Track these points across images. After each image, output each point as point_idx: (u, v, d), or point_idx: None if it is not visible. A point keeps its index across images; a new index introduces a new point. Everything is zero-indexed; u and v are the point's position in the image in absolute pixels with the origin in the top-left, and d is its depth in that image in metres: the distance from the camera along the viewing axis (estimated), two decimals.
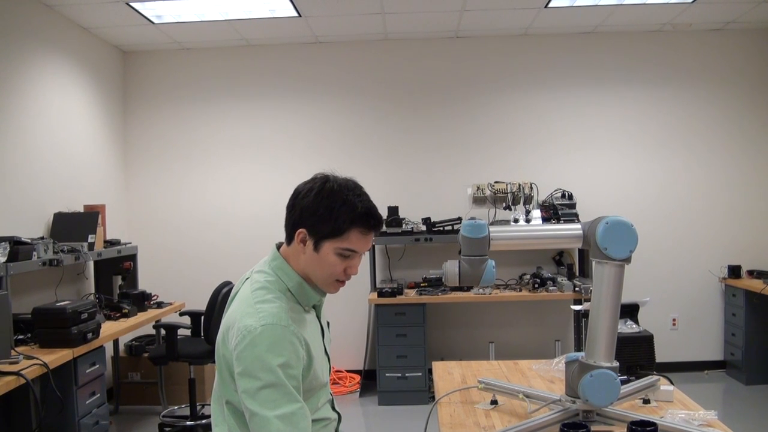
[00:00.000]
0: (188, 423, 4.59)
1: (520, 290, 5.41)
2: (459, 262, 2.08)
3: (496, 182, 5.58)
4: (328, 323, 1.85)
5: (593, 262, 2.03)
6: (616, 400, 2.01)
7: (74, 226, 4.58)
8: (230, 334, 1.59)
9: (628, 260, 1.98)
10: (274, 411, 1.49)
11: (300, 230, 1.63)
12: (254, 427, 1.51)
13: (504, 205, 5.56)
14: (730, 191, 5.83)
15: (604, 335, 1.99)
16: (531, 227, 2.15)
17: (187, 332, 4.75)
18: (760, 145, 5.83)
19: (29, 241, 3.91)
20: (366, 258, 5.45)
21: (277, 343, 1.53)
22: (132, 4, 4.72)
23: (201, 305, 4.49)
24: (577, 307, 3.76)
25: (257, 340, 1.52)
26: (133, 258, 5.23)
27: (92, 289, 5.07)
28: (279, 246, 1.76)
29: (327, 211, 1.59)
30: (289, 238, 1.68)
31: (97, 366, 3.77)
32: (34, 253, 3.85)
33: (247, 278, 1.73)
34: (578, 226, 2.08)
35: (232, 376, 1.58)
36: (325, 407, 1.77)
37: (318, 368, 1.69)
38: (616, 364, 1.99)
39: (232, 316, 1.64)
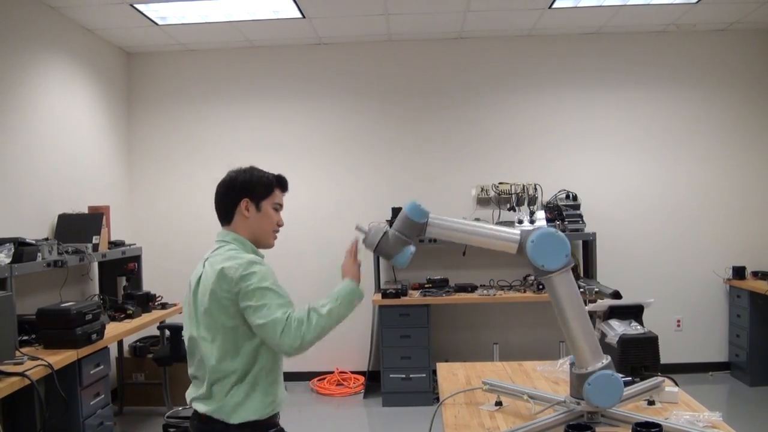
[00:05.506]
0: None
1: (525, 291, 5.40)
2: (386, 231, 2.08)
3: (500, 183, 5.57)
4: None
5: (542, 280, 2.04)
6: (621, 402, 2.01)
7: (78, 227, 4.58)
8: (226, 271, 1.94)
9: (570, 263, 2.00)
10: (278, 300, 1.94)
11: (244, 199, 2.12)
12: (263, 312, 1.91)
13: (508, 206, 5.56)
14: (734, 192, 5.81)
15: (583, 341, 2.01)
16: (472, 224, 2.15)
17: None
18: (765, 146, 5.81)
19: (34, 242, 3.93)
20: (370, 259, 5.41)
21: (267, 273, 1.98)
22: (136, 5, 4.73)
23: None
24: None
25: (252, 268, 1.95)
26: (137, 259, 5.24)
27: (96, 290, 5.08)
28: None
29: (257, 179, 2.15)
30: (230, 214, 2.16)
31: (102, 367, 3.77)
32: (39, 254, 3.86)
33: (207, 259, 2.08)
34: (517, 232, 2.06)
35: (233, 301, 1.93)
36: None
37: None
38: (607, 359, 1.99)
39: (214, 266, 1.98)
